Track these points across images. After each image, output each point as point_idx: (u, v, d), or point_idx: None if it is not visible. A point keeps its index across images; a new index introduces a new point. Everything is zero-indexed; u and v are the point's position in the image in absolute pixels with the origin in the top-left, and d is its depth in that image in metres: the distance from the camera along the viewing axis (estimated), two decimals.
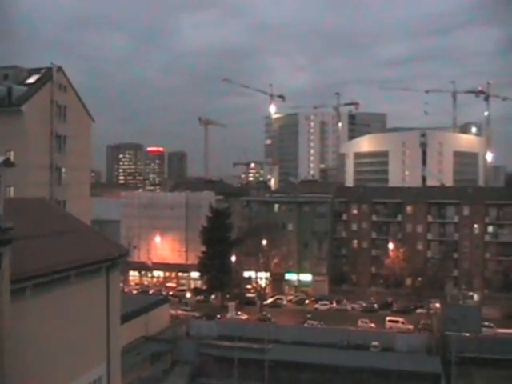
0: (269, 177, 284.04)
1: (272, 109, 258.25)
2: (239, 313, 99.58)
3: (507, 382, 75.10)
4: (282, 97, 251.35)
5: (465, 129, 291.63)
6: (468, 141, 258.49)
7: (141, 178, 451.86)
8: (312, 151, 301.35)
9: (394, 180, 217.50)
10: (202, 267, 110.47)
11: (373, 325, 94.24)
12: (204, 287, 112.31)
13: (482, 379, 75.81)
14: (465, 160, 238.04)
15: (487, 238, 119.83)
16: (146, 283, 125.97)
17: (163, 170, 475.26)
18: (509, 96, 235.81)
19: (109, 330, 24.11)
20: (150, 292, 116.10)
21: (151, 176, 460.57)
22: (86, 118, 70.94)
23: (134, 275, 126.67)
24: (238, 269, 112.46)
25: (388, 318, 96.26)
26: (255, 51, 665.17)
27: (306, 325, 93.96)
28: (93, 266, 22.97)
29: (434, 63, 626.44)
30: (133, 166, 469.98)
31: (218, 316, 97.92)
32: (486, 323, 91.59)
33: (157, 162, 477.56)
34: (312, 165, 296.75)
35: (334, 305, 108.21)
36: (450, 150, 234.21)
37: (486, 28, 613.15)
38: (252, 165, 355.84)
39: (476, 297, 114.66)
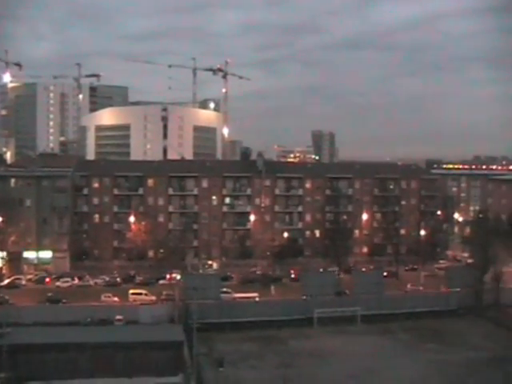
0: (4, 150, 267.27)
1: (7, 77, 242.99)
2: None
3: (245, 341, 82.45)
4: (18, 64, 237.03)
5: (204, 104, 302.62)
6: (207, 116, 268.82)
7: None
8: (51, 123, 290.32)
9: (136, 153, 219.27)
10: None
11: (116, 299, 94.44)
12: None
13: (222, 342, 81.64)
14: (204, 134, 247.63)
15: (225, 208, 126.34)
16: None
17: None
18: (244, 75, 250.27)
19: None
20: None
21: None
22: None
23: None
24: None
25: (131, 291, 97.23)
26: None
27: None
28: None
29: (178, 40, 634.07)
30: None
31: None
32: (225, 289, 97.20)
33: None
34: (51, 137, 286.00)
35: (77, 281, 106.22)
36: (190, 125, 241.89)
37: (226, 11, 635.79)
38: None
39: (215, 265, 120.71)
